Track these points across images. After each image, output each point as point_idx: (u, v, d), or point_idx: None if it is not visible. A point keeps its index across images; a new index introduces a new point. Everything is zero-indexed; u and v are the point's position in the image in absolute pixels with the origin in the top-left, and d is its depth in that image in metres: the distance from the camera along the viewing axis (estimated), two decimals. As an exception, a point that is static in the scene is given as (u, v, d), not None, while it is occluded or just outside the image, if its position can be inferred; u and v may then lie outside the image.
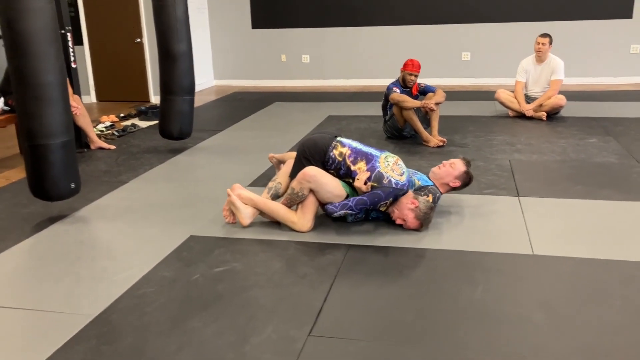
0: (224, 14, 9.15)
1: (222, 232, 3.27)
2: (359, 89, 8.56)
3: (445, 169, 3.38)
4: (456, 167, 3.37)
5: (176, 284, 2.66)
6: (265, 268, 2.80)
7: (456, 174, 3.36)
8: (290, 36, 9.01)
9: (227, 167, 4.56)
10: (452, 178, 3.37)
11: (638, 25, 7.90)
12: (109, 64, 8.01)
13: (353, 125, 5.94)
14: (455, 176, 3.37)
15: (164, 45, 4.65)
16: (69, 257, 3.00)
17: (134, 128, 6.07)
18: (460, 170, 3.36)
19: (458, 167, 3.37)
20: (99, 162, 4.84)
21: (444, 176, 3.38)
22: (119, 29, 7.84)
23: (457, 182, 3.38)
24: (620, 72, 8.13)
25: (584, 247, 2.91)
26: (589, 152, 4.60)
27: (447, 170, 3.37)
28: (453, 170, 3.36)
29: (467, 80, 8.59)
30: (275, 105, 7.34)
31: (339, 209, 3.12)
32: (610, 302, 2.38)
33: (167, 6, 4.57)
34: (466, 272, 2.69)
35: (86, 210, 3.68)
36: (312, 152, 3.33)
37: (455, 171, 3.36)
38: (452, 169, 3.37)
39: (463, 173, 3.37)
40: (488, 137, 5.26)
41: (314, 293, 2.54)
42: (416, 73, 5.10)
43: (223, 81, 9.52)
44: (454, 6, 8.36)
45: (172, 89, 4.76)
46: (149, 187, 4.13)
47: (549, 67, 5.94)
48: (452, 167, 3.37)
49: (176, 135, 4.95)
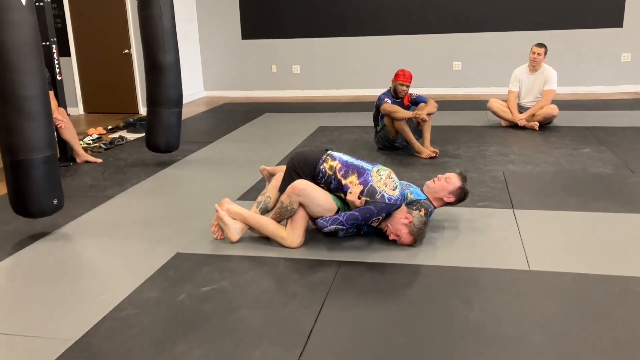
0: (214, 25, 9.08)
1: (210, 248, 3.17)
2: (350, 99, 8.50)
3: (440, 183, 3.29)
4: (451, 181, 3.28)
5: (161, 305, 2.56)
6: (254, 287, 2.70)
7: (451, 188, 3.27)
8: (280, 47, 8.95)
9: (216, 181, 4.46)
10: (446, 193, 3.28)
11: (628, 35, 7.90)
12: (96, 75, 7.91)
13: (344, 136, 5.87)
14: (450, 191, 3.28)
15: (151, 56, 4.56)
16: (50, 276, 2.89)
17: (121, 140, 5.96)
18: (455, 185, 3.27)
19: (453, 182, 3.28)
20: (84, 176, 4.73)
21: (438, 190, 3.29)
22: (106, 40, 7.75)
23: (451, 197, 3.29)
24: (612, 81, 8.12)
25: (581, 262, 2.83)
26: (583, 163, 4.55)
27: (442, 184, 3.28)
28: (448, 185, 3.27)
29: (459, 89, 8.56)
30: (266, 116, 7.26)
31: (329, 224, 3.03)
32: (611, 320, 2.30)
33: (153, 17, 4.48)
34: (461, 289, 2.60)
35: (70, 227, 3.57)
36: (301, 166, 3.25)
37: (450, 186, 3.27)
38: (446, 184, 3.28)
39: (458, 188, 3.28)
40: (481, 147, 5.20)
41: (304, 314, 2.44)
42: (407, 83, 5.04)
43: (213, 92, 9.43)
44: (444, 16, 8.33)
45: (159, 101, 4.66)
46: (135, 202, 4.03)
47: (543, 76, 5.91)
48: (447, 181, 3.28)
49: (163, 148, 4.85)
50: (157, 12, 4.47)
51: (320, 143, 5.59)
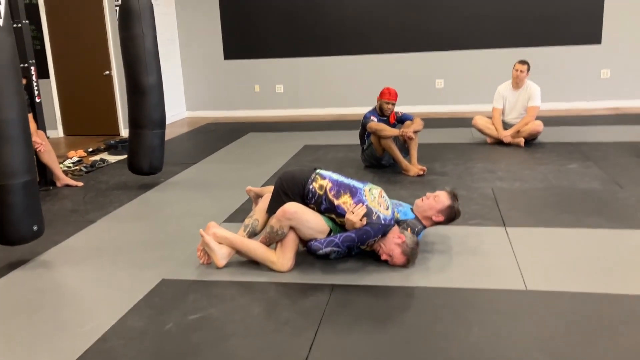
0: (195, 45, 9.02)
1: (197, 274, 3.07)
2: (334, 117, 8.47)
3: (429, 202, 3.19)
4: (440, 200, 3.17)
5: (147, 335, 2.45)
6: (244, 314, 2.60)
7: (439, 207, 3.16)
8: (263, 66, 8.92)
9: (200, 203, 4.36)
10: (434, 212, 3.17)
11: (607, 51, 8.01)
12: (76, 97, 7.78)
13: (330, 155, 5.81)
14: (438, 210, 3.16)
15: (133, 78, 4.48)
16: (29, 307, 2.76)
17: (102, 163, 5.83)
18: (444, 204, 3.16)
19: (442, 201, 3.17)
20: (65, 200, 4.59)
21: (427, 209, 3.19)
22: (86, 61, 7.64)
23: (440, 216, 3.18)
24: (592, 97, 8.20)
25: (578, 281, 2.78)
26: (571, 179, 4.54)
27: (430, 203, 3.18)
28: (436, 204, 3.16)
29: (442, 107, 8.58)
30: (250, 135, 7.19)
31: (324, 246, 2.95)
32: (614, 341, 2.24)
33: (135, 38, 4.41)
34: (459, 311, 2.53)
35: (50, 254, 3.44)
36: (290, 186, 3.17)
37: (438, 205, 3.16)
38: (435, 203, 3.17)
39: (447, 207, 3.16)
40: (468, 164, 5.17)
41: (298, 341, 2.34)
42: (393, 101, 5.01)
43: (195, 112, 9.34)
44: (425, 34, 8.38)
45: (142, 122, 4.57)
46: (118, 226, 3.91)
47: (526, 93, 5.93)
48: (436, 200, 3.17)
49: (146, 171, 4.75)
50: (139, 32, 4.40)
51: (306, 162, 5.53)
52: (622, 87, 8.09)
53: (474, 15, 8.19)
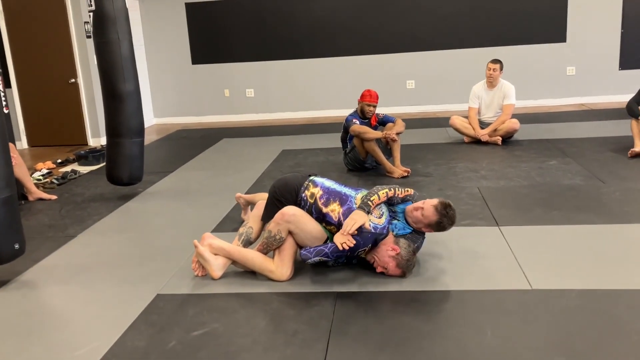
0: (162, 50, 8.83)
1: (192, 287, 2.95)
2: (307, 121, 8.41)
3: (416, 215, 2.98)
4: (427, 215, 2.93)
5: (151, 355, 2.33)
6: (250, 328, 2.50)
7: (426, 222, 2.97)
8: (232, 70, 8.79)
9: (185, 213, 4.23)
10: (422, 225, 3.00)
11: (571, 49, 8.19)
12: (41, 106, 7.47)
13: (310, 159, 5.75)
14: (425, 224, 2.98)
15: (109, 85, 4.31)
16: (17, 332, 2.59)
17: (74, 174, 5.61)
18: (431, 220, 2.93)
19: (428, 216, 2.93)
20: (40, 214, 4.38)
21: (415, 222, 3.00)
22: (51, 69, 7.35)
23: (429, 229, 3.00)
24: (559, 94, 8.38)
25: (580, 278, 2.79)
26: (553, 175, 4.59)
27: (417, 217, 2.97)
28: (423, 219, 2.97)
29: (413, 107, 8.62)
30: (224, 141, 7.05)
31: (313, 255, 2.85)
32: (629, 337, 2.24)
33: (111, 43, 4.24)
34: (469, 314, 2.50)
35: (32, 273, 3.26)
36: (282, 192, 3.10)
37: (425, 220, 2.96)
38: (422, 217, 2.96)
39: (434, 223, 2.94)
40: (449, 164, 5.19)
41: (311, 353, 2.27)
42: (374, 104, 4.99)
43: (164, 119, 9.13)
44: (395, 36, 8.41)
45: (120, 131, 4.40)
46: (101, 240, 3.75)
47: (501, 92, 6.00)
48: (423, 215, 2.95)
49: (126, 181, 4.58)
50: (114, 38, 4.24)
51: (288, 167, 5.44)
52: (587, 83, 8.30)
53: (442, 17, 8.26)
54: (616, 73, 8.21)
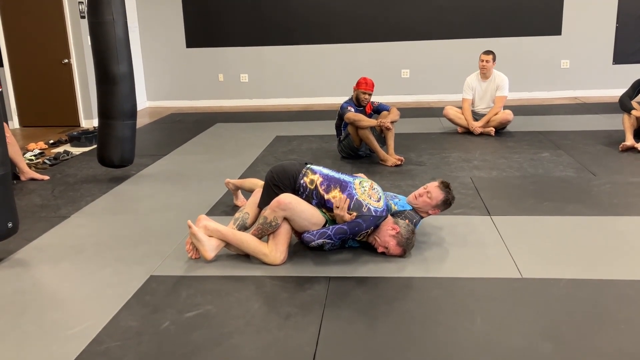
0: (156, 33, 8.76)
1: (186, 269, 2.97)
2: (301, 107, 8.40)
3: (423, 200, 3.17)
4: (433, 195, 3.15)
5: (144, 335, 2.35)
6: (243, 310, 2.53)
7: (434, 203, 3.16)
8: (227, 55, 8.74)
9: (178, 196, 4.23)
10: (430, 208, 3.19)
11: (566, 42, 8.22)
12: (33, 86, 7.41)
13: (304, 146, 5.75)
14: (434, 206, 3.18)
15: (103, 66, 4.28)
16: (11, 311, 2.60)
17: (66, 155, 5.59)
18: (438, 199, 3.15)
19: (435, 196, 3.15)
20: (32, 195, 4.37)
21: (422, 206, 3.19)
22: (44, 49, 7.28)
23: (436, 210, 3.21)
24: (553, 87, 8.42)
25: (570, 267, 2.83)
26: (545, 167, 4.63)
27: (425, 201, 3.17)
28: (431, 200, 3.16)
29: (408, 97, 8.63)
30: (218, 126, 7.04)
31: (316, 238, 2.91)
32: (615, 326, 2.29)
33: (105, 24, 4.21)
34: (459, 301, 2.54)
35: (25, 252, 3.26)
36: (281, 179, 3.11)
37: (433, 201, 3.16)
38: (429, 200, 3.16)
39: (442, 202, 3.17)
40: (443, 154, 5.21)
41: (303, 336, 2.30)
42: (370, 92, 4.99)
43: (157, 102, 9.09)
44: (391, 24, 8.39)
45: (112, 113, 4.38)
46: (94, 221, 3.75)
47: (494, 83, 6.02)
48: (430, 196, 3.15)
49: (117, 163, 4.57)
50: (109, 19, 4.21)
51: (281, 153, 5.45)
52: (581, 77, 8.34)
53: (439, 6, 8.25)
54: (610, 67, 8.26)
